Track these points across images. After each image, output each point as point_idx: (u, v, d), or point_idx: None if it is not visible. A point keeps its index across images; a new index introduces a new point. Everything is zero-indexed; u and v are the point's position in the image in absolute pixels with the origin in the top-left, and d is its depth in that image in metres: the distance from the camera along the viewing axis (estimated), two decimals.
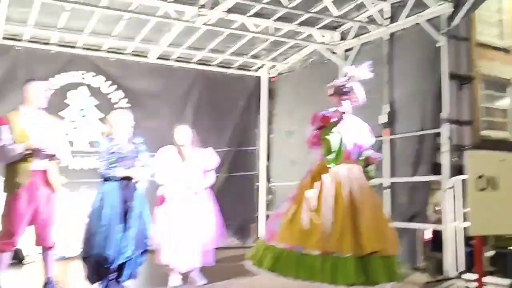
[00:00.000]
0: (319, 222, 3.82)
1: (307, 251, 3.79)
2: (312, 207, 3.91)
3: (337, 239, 3.77)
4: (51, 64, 7.88)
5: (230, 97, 9.21)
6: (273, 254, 3.89)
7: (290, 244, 3.85)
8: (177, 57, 8.76)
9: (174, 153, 5.51)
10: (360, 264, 3.75)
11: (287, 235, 3.88)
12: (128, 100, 8.36)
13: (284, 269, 3.82)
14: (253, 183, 9.27)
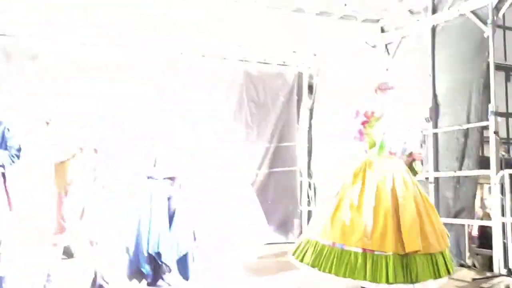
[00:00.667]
0: (362, 220, 3.79)
1: (349, 248, 3.77)
2: (354, 204, 3.87)
3: (379, 237, 3.74)
4: None
5: (271, 93, 9.21)
6: (314, 250, 3.89)
7: (332, 240, 3.84)
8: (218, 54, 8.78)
9: None
10: (401, 262, 3.69)
11: (329, 231, 3.87)
12: None
13: (324, 266, 3.80)
14: (295, 179, 9.25)
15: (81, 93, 4.75)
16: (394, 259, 3.69)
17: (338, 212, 3.91)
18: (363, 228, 3.76)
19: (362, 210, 3.83)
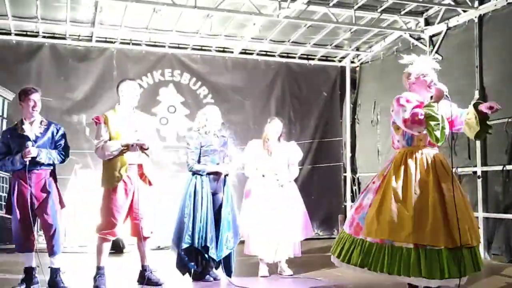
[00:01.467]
0: (410, 214, 3.63)
1: (399, 244, 3.62)
2: (400, 197, 3.71)
3: (429, 231, 3.58)
4: (142, 63, 8.29)
5: (313, 88, 9.20)
6: (361, 249, 3.74)
7: (380, 237, 3.67)
8: (259, 51, 8.87)
9: (260, 147, 5.61)
10: (452, 256, 3.57)
11: (375, 228, 3.70)
12: (213, 95, 8.60)
13: (375, 264, 3.65)
14: (339, 174, 9.23)
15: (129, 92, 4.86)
16: (446, 253, 3.56)
17: (383, 207, 3.74)
18: (412, 223, 3.60)
19: (408, 203, 3.68)
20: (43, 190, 4.66)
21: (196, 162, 5.15)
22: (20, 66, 7.68)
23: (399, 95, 3.90)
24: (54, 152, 4.72)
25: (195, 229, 4.96)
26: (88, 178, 7.72)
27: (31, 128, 4.69)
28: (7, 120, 7.49)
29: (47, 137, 4.73)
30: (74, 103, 7.92)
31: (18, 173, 4.65)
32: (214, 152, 5.22)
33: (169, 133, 8.33)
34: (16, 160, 4.56)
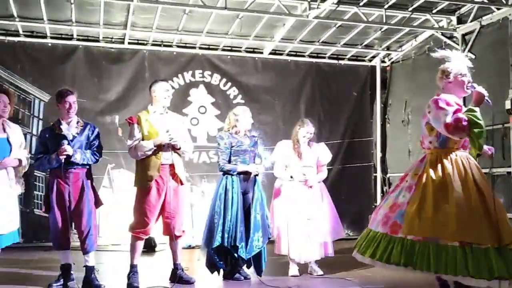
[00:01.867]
0: (453, 211, 3.53)
1: (444, 242, 3.51)
2: (440, 195, 3.62)
3: (474, 229, 3.48)
4: (173, 65, 8.40)
5: (343, 88, 9.16)
6: (402, 248, 3.60)
7: (422, 235, 3.56)
8: (289, 51, 8.88)
9: (290, 148, 5.61)
10: (498, 255, 3.46)
11: (417, 226, 3.58)
12: (243, 96, 8.65)
13: (420, 263, 3.53)
14: (370, 174, 9.17)
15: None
16: (493, 252, 3.46)
17: (424, 205, 3.64)
18: (456, 220, 3.50)
19: (450, 202, 3.58)
20: (80, 190, 4.75)
21: (226, 162, 5.19)
22: (55, 68, 7.87)
23: (437, 97, 3.79)
24: (89, 153, 4.82)
25: (225, 229, 5.00)
26: (121, 177, 7.88)
27: (68, 128, 4.81)
28: (43, 121, 7.70)
29: (83, 137, 4.83)
30: (107, 104, 8.08)
31: (55, 172, 4.76)
32: (245, 152, 5.25)
33: (200, 133, 8.42)
34: (52, 158, 4.67)
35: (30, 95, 7.72)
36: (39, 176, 7.54)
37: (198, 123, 8.44)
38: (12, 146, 4.58)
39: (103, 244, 7.49)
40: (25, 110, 7.69)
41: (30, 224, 7.41)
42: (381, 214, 3.89)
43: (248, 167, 5.21)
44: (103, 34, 8.04)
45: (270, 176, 8.37)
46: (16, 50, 7.73)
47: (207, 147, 8.36)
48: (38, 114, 7.77)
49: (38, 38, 7.87)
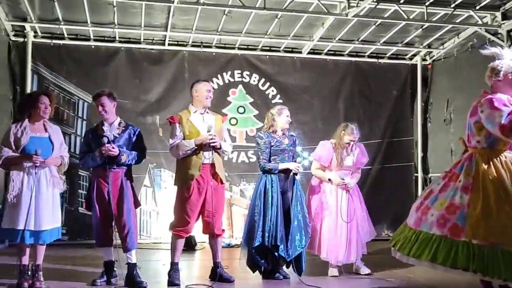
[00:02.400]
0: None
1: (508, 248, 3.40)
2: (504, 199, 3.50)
3: None
4: (212, 65, 8.47)
5: (383, 87, 9.04)
6: (469, 252, 3.47)
7: (490, 240, 3.44)
8: (328, 50, 8.82)
9: (330, 148, 5.58)
10: None
11: (483, 230, 3.45)
12: (281, 96, 8.64)
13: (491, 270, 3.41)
14: (410, 174, 9.02)
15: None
16: None
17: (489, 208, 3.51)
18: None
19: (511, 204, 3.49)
20: (120, 189, 4.84)
21: (267, 161, 5.20)
22: (98, 70, 8.06)
23: (492, 96, 3.67)
24: (134, 154, 4.92)
25: (265, 228, 5.00)
26: (162, 177, 8.00)
27: (110, 129, 4.92)
28: (86, 122, 7.89)
29: (124, 138, 4.94)
30: (148, 104, 8.21)
31: (97, 171, 4.88)
32: (283, 152, 5.25)
33: (239, 133, 8.46)
34: (96, 155, 4.79)
35: (74, 97, 7.92)
36: (83, 175, 7.73)
37: (237, 123, 8.48)
38: (54, 145, 4.72)
39: (144, 242, 7.62)
40: (69, 111, 7.90)
41: (74, 222, 7.64)
42: (434, 214, 3.70)
43: (289, 164, 5.20)
44: (144, 36, 8.18)
45: (309, 176, 8.39)
46: (61, 53, 7.95)
47: (246, 147, 8.39)
48: (82, 115, 7.97)
49: (82, 41, 8.07)
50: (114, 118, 4.98)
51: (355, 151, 5.60)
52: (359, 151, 5.64)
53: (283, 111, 5.34)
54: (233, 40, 8.41)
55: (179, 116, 5.00)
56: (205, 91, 5.01)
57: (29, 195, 4.48)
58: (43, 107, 4.71)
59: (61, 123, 7.54)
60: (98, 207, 4.83)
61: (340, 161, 5.47)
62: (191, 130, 4.92)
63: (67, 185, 7.18)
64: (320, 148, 5.63)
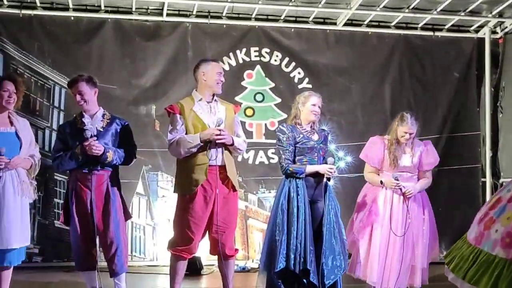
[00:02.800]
0: None
1: None
2: None
3: None
4: (222, 40, 8.43)
5: (441, 67, 8.96)
6: None
7: None
8: (370, 21, 8.75)
9: (381, 145, 5.51)
10: None
11: None
12: (310, 79, 8.59)
13: None
14: (476, 179, 8.94)
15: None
16: None
17: None
18: None
19: None
20: (104, 196, 4.86)
21: (291, 162, 5.11)
22: (79, 47, 8.04)
23: None
24: (122, 151, 4.91)
25: (290, 248, 4.91)
26: (159, 182, 7.99)
27: (91, 122, 4.91)
28: (64, 113, 7.89)
29: (110, 133, 4.93)
30: (141, 91, 8.19)
31: (76, 174, 4.88)
32: (312, 151, 5.16)
33: (256, 127, 8.42)
34: (76, 154, 4.78)
35: (49, 81, 7.93)
36: (60, 180, 7.74)
37: (254, 114, 8.42)
38: (22, 142, 4.72)
39: (136, 265, 7.62)
40: (43, 100, 7.90)
41: (49, 239, 7.65)
42: (499, 230, 3.64)
43: (320, 166, 5.11)
44: (137, 4, 8.15)
45: (345, 182, 8.36)
46: (33, 26, 7.95)
47: (265, 144, 8.33)
48: (58, 104, 7.98)
49: (59, 11, 8.06)
50: (96, 108, 4.98)
51: (416, 148, 5.53)
52: (423, 149, 5.57)
53: (309, 99, 5.24)
54: (249, 8, 8.35)
55: (180, 105, 4.97)
56: (215, 74, 4.98)
57: None
58: (7, 95, 4.73)
59: (33, 115, 7.57)
60: (78, 219, 4.83)
61: (394, 160, 5.40)
62: (195, 122, 4.89)
63: (40, 192, 7.28)
64: (368, 146, 5.57)
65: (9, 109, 4.80)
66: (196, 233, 4.85)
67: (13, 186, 4.60)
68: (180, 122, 4.91)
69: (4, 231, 4.49)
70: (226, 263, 4.99)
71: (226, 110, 5.08)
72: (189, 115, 4.91)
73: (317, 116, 5.25)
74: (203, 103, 4.99)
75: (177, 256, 4.92)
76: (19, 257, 4.66)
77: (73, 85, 4.94)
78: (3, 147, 4.54)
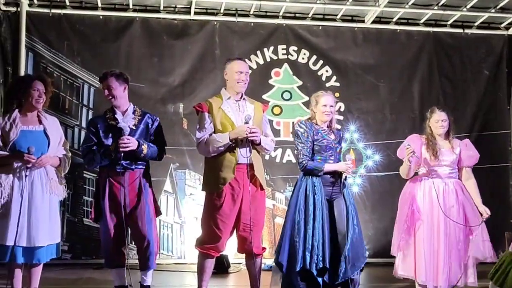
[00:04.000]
0: None
1: None
2: None
3: None
4: (250, 39, 8.42)
5: (471, 65, 8.89)
6: None
7: None
8: (398, 18, 8.67)
9: (419, 142, 5.44)
10: None
11: None
12: (338, 77, 8.54)
13: None
14: (506, 178, 8.83)
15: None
16: None
17: None
18: None
19: None
20: (138, 193, 4.85)
21: (309, 159, 5.04)
22: (108, 46, 8.11)
23: None
24: (154, 146, 4.91)
25: (306, 247, 4.87)
26: (187, 180, 7.99)
27: (123, 119, 4.90)
28: (93, 111, 7.93)
29: (141, 130, 4.92)
30: (169, 89, 8.20)
31: (108, 171, 4.86)
32: (329, 150, 5.10)
33: (284, 125, 8.37)
34: (109, 151, 4.75)
35: (78, 80, 7.98)
36: (89, 178, 7.79)
37: (282, 113, 8.38)
38: (50, 140, 4.73)
39: (164, 262, 7.63)
40: (72, 98, 7.95)
41: (78, 237, 7.70)
42: None
43: (339, 165, 5.07)
44: (165, 3, 8.17)
45: (372, 180, 8.28)
46: (62, 25, 8.01)
47: (292, 143, 8.21)
48: (87, 103, 8.02)
49: (88, 10, 8.12)
50: (126, 104, 4.97)
51: (455, 144, 5.51)
52: (462, 146, 5.54)
53: (320, 99, 5.17)
54: (276, 6, 8.32)
55: (209, 103, 4.94)
56: (235, 72, 4.93)
57: (20, 202, 4.49)
58: (36, 94, 4.74)
59: (62, 113, 7.63)
60: (109, 216, 4.82)
61: (434, 154, 5.36)
62: (224, 121, 4.85)
63: (69, 190, 7.33)
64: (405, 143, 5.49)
65: (38, 108, 4.81)
66: (223, 231, 4.81)
67: (41, 184, 4.62)
68: (208, 121, 4.88)
69: (32, 229, 4.51)
70: (253, 261, 4.92)
71: (254, 108, 5.04)
72: (218, 114, 4.88)
73: (329, 115, 5.16)
74: (232, 101, 4.96)
75: (204, 254, 4.89)
76: (48, 255, 4.67)
77: (103, 80, 4.94)
78: (32, 146, 4.54)
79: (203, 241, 4.89)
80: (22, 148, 4.57)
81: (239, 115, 4.88)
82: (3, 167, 4.59)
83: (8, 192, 4.51)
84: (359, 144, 8.38)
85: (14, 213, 4.47)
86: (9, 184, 4.54)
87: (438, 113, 5.48)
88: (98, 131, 4.90)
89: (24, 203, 4.50)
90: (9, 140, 4.61)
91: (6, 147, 4.61)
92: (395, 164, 5.76)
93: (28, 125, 4.73)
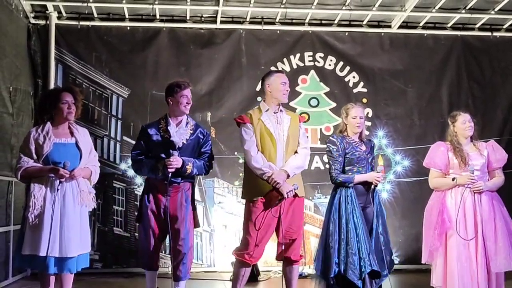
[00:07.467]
0: None
1: None
2: None
3: None
4: (276, 46, 8.42)
5: (500, 68, 8.77)
6: None
7: None
8: (426, 22, 8.61)
9: (444, 148, 5.38)
10: None
11: None
12: (365, 83, 8.49)
13: None
14: None
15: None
16: None
17: None
18: None
19: None
20: (179, 205, 4.96)
21: (340, 172, 5.19)
22: (135, 56, 8.16)
23: None
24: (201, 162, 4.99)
25: (341, 253, 4.96)
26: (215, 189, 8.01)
27: (177, 131, 4.98)
28: (122, 121, 8.01)
29: (193, 145, 5.02)
30: (196, 98, 8.11)
31: (154, 182, 4.99)
32: (361, 161, 5.22)
33: (312, 132, 8.35)
34: (158, 169, 4.87)
35: (106, 90, 8.06)
36: (119, 187, 7.85)
37: (309, 120, 8.35)
38: (82, 152, 4.78)
39: (193, 271, 7.61)
40: (101, 108, 8.03)
41: (109, 246, 7.74)
42: None
43: (368, 176, 5.17)
44: (191, 13, 8.22)
45: (402, 186, 8.21)
46: (90, 37, 8.10)
47: (320, 150, 8.24)
48: (116, 113, 8.09)
49: (115, 21, 8.20)
50: (181, 115, 5.08)
51: (482, 147, 5.41)
52: (489, 148, 5.41)
53: (350, 112, 5.31)
54: (302, 13, 8.32)
55: (249, 115, 5.03)
56: (280, 84, 5.01)
57: (52, 214, 4.53)
58: (66, 107, 4.78)
59: (91, 124, 7.71)
60: (152, 218, 4.95)
61: (462, 160, 5.24)
62: (263, 132, 4.92)
63: (99, 200, 7.39)
64: (432, 151, 5.44)
65: (70, 120, 4.86)
66: (262, 239, 4.83)
67: (73, 196, 4.65)
68: (252, 132, 4.93)
69: (63, 240, 4.54)
70: (290, 268, 4.97)
71: (291, 119, 5.09)
72: (257, 125, 4.95)
73: (360, 127, 5.28)
74: (270, 113, 5.02)
75: (240, 261, 4.91)
76: (79, 264, 4.71)
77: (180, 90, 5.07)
78: (68, 161, 4.59)
79: (241, 248, 4.92)
80: (54, 161, 4.62)
81: (277, 127, 4.96)
82: (36, 179, 4.64)
83: (41, 204, 4.56)
84: (388, 150, 8.32)
85: (46, 224, 4.50)
86: (42, 196, 4.57)
87: (463, 115, 5.38)
88: (149, 141, 5.01)
89: (56, 214, 4.53)
90: (43, 152, 4.64)
91: (40, 159, 4.66)
92: (424, 170, 5.69)
93: (61, 137, 4.77)
